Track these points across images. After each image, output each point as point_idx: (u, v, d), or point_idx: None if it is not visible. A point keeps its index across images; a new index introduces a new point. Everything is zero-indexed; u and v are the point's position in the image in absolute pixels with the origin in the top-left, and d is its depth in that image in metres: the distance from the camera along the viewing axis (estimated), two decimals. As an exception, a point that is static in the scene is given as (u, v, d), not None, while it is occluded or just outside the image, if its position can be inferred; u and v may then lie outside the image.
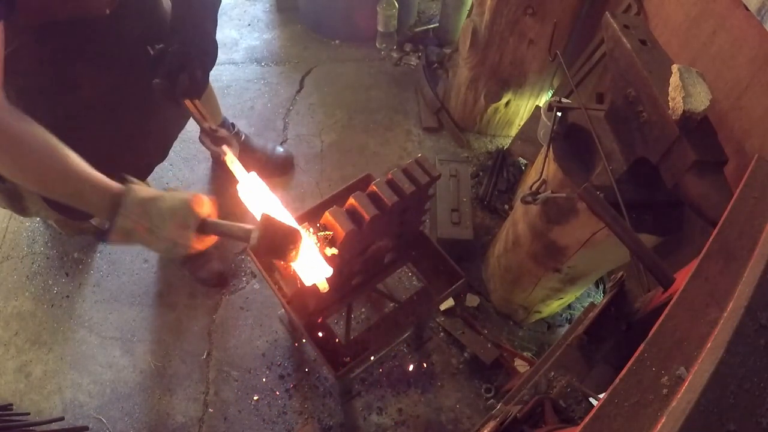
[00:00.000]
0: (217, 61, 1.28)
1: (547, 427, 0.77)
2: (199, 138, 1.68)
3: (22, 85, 1.10)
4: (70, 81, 1.20)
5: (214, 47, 1.25)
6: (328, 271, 0.96)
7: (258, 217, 0.91)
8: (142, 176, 1.51)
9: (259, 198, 0.99)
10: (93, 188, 0.84)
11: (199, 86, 1.22)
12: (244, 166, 1.06)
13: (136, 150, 1.43)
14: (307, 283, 0.99)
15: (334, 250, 0.97)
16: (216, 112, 1.91)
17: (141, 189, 0.86)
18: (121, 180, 0.87)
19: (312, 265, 0.95)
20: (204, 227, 0.89)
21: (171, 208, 0.86)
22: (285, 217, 0.95)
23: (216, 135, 1.19)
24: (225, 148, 1.13)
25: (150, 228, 0.84)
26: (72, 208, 0.86)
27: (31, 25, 1.08)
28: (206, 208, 0.90)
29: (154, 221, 0.84)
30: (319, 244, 0.97)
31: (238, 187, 1.00)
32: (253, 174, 1.01)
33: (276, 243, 0.87)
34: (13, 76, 0.92)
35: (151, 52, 1.21)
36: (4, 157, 0.81)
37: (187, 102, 1.20)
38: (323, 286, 1.00)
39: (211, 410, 1.67)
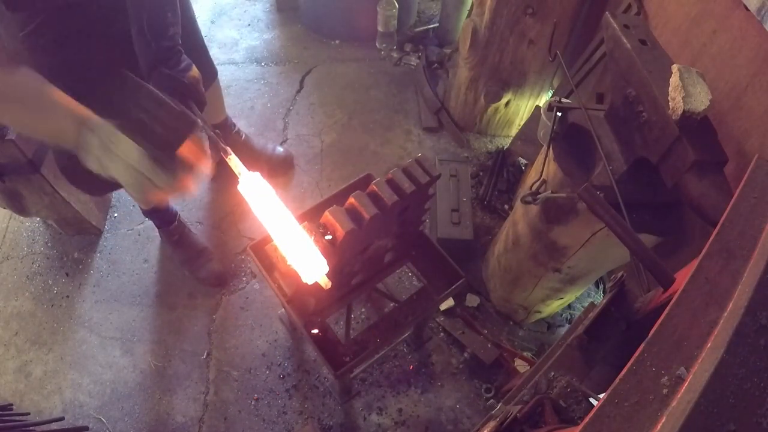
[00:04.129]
0: (217, 61, 1.27)
1: (547, 427, 0.77)
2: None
3: (43, 61, 1.10)
4: (88, 60, 1.20)
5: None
6: (324, 265, 0.96)
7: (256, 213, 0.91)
8: None
9: (261, 196, 0.99)
10: (64, 110, 0.83)
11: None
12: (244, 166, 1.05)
13: None
14: (308, 282, 0.98)
15: (327, 281, 0.98)
16: (220, 110, 1.91)
17: None
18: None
19: (309, 261, 0.94)
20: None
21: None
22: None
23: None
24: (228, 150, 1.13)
25: (105, 143, 0.82)
26: (87, 181, 0.85)
27: (53, 5, 1.08)
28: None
29: (109, 136, 0.82)
30: (314, 237, 0.97)
31: (239, 187, 1.00)
32: (257, 174, 1.01)
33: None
34: (34, 53, 0.91)
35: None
36: None
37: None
38: (325, 282, 1.00)
39: (211, 410, 1.67)
